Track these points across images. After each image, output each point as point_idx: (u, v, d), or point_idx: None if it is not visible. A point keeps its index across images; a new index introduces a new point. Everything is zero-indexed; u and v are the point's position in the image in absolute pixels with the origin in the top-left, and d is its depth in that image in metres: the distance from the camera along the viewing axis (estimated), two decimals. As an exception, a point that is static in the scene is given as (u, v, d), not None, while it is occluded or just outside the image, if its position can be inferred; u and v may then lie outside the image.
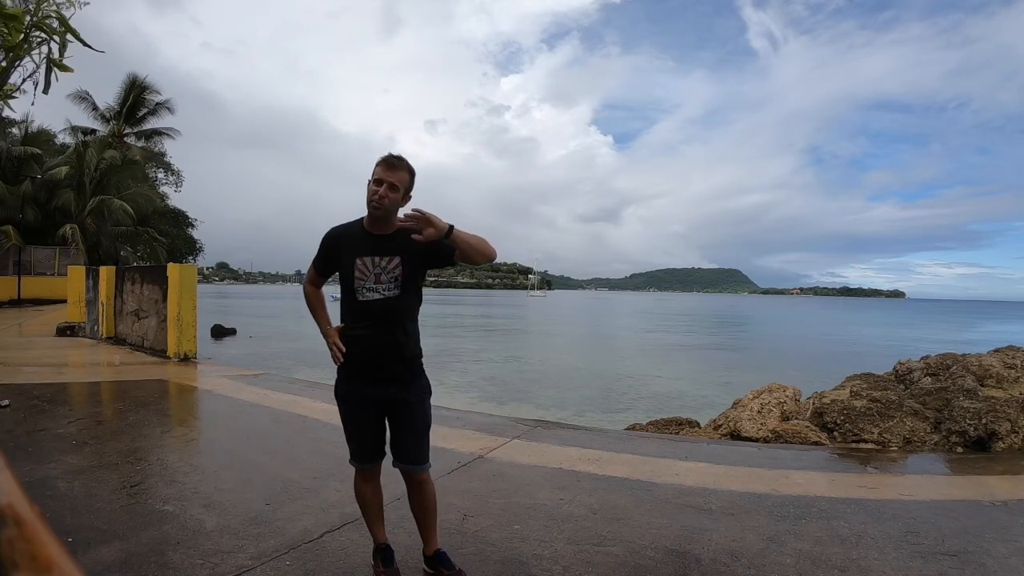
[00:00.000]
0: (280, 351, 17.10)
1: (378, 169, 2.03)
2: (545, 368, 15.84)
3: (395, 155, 2.05)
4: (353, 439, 2.19)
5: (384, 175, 2.01)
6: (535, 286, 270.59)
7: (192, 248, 33.55)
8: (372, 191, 2.02)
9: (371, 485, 2.24)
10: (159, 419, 4.66)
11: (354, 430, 2.19)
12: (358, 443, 2.19)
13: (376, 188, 2.01)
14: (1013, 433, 4.04)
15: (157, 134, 28.54)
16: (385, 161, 2.03)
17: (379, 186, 2.01)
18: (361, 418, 2.16)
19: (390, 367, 2.10)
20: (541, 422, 4.98)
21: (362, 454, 2.19)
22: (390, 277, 2.07)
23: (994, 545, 2.53)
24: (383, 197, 2.00)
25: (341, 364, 2.13)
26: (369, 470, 2.22)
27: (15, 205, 22.33)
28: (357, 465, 2.22)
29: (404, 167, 2.05)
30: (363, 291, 2.06)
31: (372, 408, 2.14)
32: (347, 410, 2.19)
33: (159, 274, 8.50)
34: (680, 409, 9.21)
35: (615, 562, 2.37)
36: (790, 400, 5.15)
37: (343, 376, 2.17)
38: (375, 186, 2.01)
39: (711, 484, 3.30)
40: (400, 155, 2.05)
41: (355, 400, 2.15)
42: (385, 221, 2.07)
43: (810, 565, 2.35)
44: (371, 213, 2.06)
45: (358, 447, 2.20)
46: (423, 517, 2.24)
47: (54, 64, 6.65)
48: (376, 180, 2.01)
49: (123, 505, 2.85)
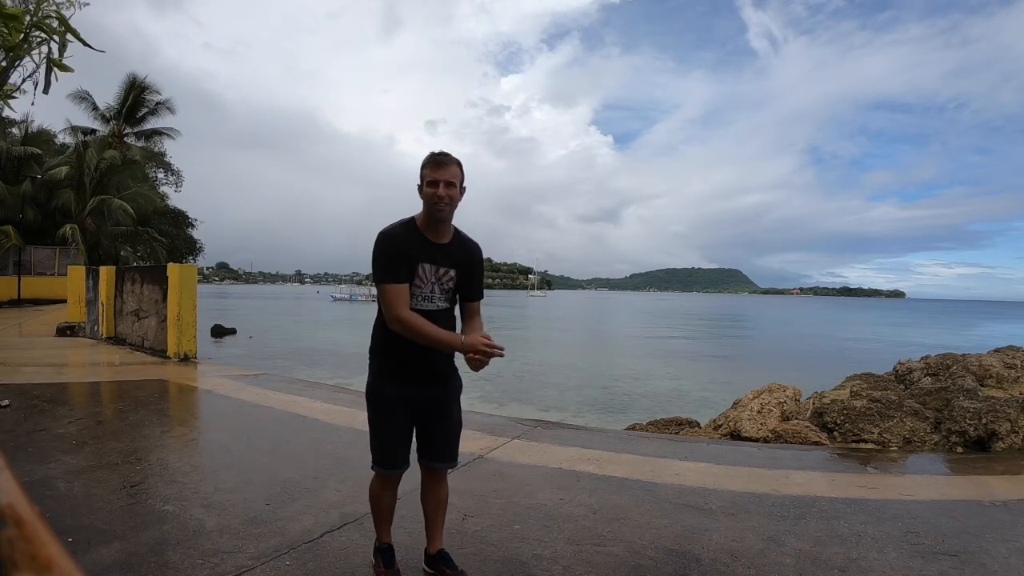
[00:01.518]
0: (280, 351, 17.11)
1: (427, 171, 1.93)
2: (545, 368, 15.84)
3: (441, 152, 1.97)
4: (387, 444, 2.09)
5: (437, 175, 1.91)
6: (535, 286, 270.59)
7: (192, 248, 33.56)
8: (431, 195, 1.91)
9: (391, 491, 2.18)
10: (159, 419, 4.66)
11: (390, 435, 2.09)
12: (393, 448, 2.09)
13: (433, 190, 1.91)
14: (1013, 433, 4.04)
15: (157, 134, 28.53)
16: (433, 161, 1.95)
17: (436, 187, 1.91)
18: (400, 422, 2.08)
19: (436, 371, 2.08)
20: (541, 422, 4.98)
21: (394, 459, 2.10)
22: (444, 289, 2.03)
23: (994, 545, 2.53)
24: (444, 197, 1.91)
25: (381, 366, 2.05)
26: (396, 477, 2.15)
27: (15, 205, 22.33)
28: (385, 471, 2.11)
29: (453, 161, 1.96)
30: (419, 299, 1.98)
31: (409, 411, 2.09)
32: (386, 414, 2.08)
33: (159, 274, 8.50)
34: (680, 409, 9.21)
35: (615, 562, 2.37)
36: (790, 400, 5.15)
37: (387, 378, 2.06)
38: (431, 188, 1.91)
39: (711, 484, 3.30)
40: (444, 151, 1.97)
41: (398, 403, 2.06)
42: (446, 225, 1.99)
43: (810, 565, 2.35)
44: (435, 216, 1.95)
45: (391, 452, 2.09)
46: (435, 514, 2.21)
47: (54, 64, 6.64)
48: (431, 182, 1.91)
49: (123, 505, 2.85)
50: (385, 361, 2.06)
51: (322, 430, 4.39)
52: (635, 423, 6.15)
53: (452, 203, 1.95)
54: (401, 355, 2.01)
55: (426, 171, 1.94)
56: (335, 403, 5.31)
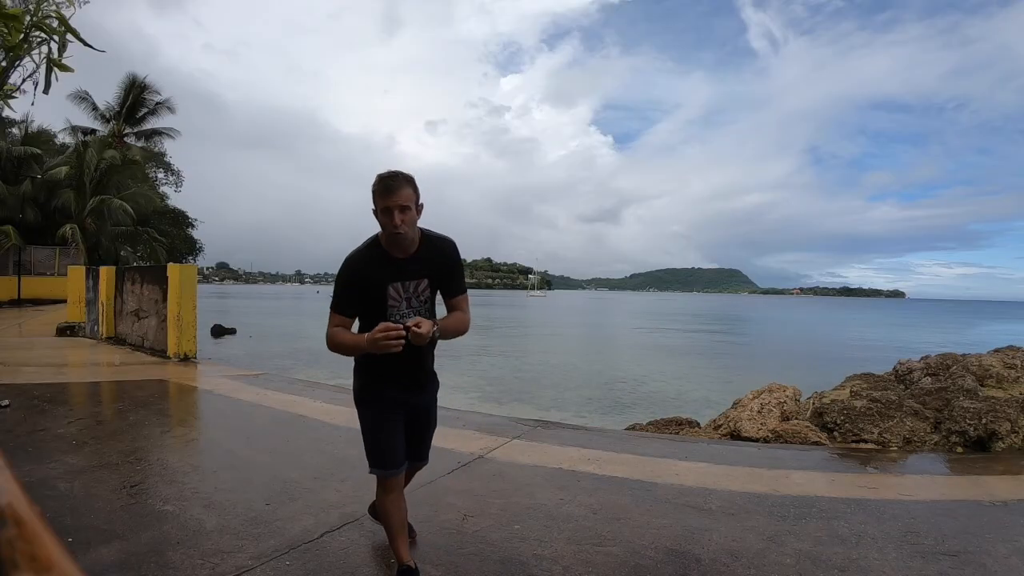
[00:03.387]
0: (280, 351, 17.10)
1: (378, 199, 1.86)
2: (545, 368, 15.84)
3: (388, 174, 1.87)
4: (384, 444, 2.06)
5: (389, 201, 1.84)
6: (535, 286, 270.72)
7: (192, 248, 33.58)
8: (386, 224, 1.86)
9: (396, 494, 2.11)
10: (159, 419, 4.66)
11: (386, 435, 2.07)
12: (391, 447, 2.06)
13: (388, 219, 1.85)
14: (1013, 433, 4.04)
15: (157, 134, 28.55)
16: (383, 187, 1.85)
17: (390, 216, 1.84)
18: (394, 421, 2.07)
19: (420, 377, 2.13)
20: (541, 422, 4.98)
21: (393, 458, 2.07)
22: (420, 300, 2.02)
23: (994, 545, 2.53)
24: (399, 224, 1.84)
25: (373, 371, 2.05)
26: (397, 477, 2.10)
27: (15, 205, 22.34)
28: (385, 472, 2.06)
29: (404, 182, 1.87)
30: (396, 317, 1.95)
31: (401, 411, 2.10)
32: (379, 415, 2.07)
33: (159, 274, 8.50)
34: (680, 409, 9.21)
35: (615, 562, 2.37)
36: (790, 400, 5.15)
37: (374, 380, 2.07)
38: (385, 217, 1.86)
39: (711, 484, 3.30)
40: (392, 171, 1.88)
41: (390, 404, 2.07)
42: (407, 244, 1.93)
43: (810, 565, 2.35)
44: (393, 242, 1.91)
45: (390, 451, 2.06)
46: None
47: (54, 64, 6.65)
48: (383, 210, 1.85)
49: (123, 505, 2.85)
50: (376, 367, 2.05)
51: (322, 430, 4.39)
52: (635, 423, 6.14)
53: (410, 226, 1.88)
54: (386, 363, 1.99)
55: (376, 198, 1.87)
56: (335, 403, 5.30)
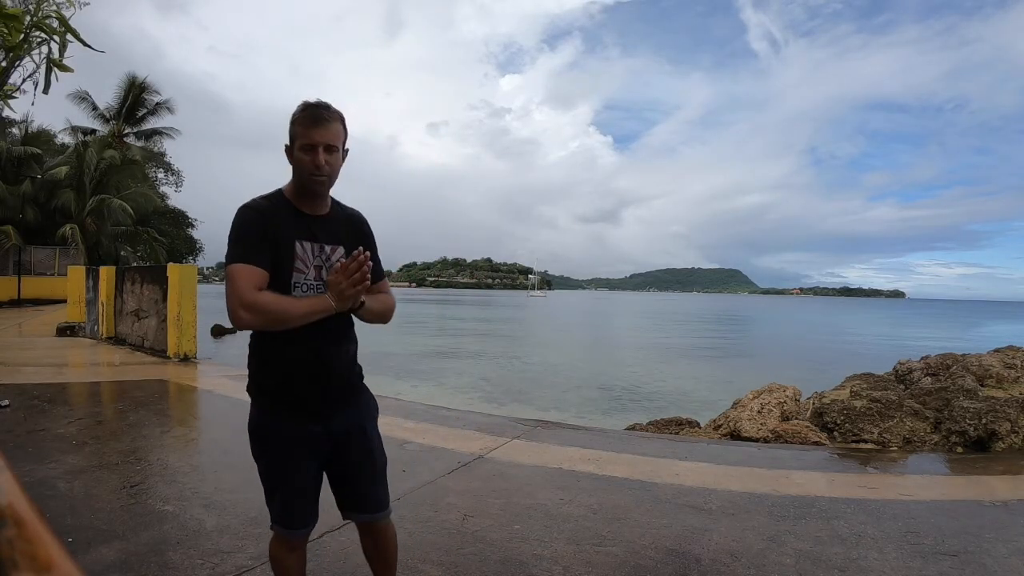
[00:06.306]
0: (280, 351, 17.10)
1: (301, 130, 1.50)
2: (545, 368, 15.83)
3: (318, 102, 1.52)
4: (284, 496, 1.60)
5: (316, 136, 1.49)
6: (535, 286, 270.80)
7: (192, 248, 33.60)
8: (307, 163, 1.50)
9: (297, 554, 1.67)
10: (159, 419, 4.66)
11: (287, 483, 1.59)
12: (292, 501, 1.60)
13: (310, 157, 1.49)
14: (1013, 433, 4.04)
15: (157, 134, 28.55)
16: (310, 116, 1.49)
17: (314, 153, 1.49)
18: (299, 466, 1.58)
19: (338, 389, 1.62)
20: (541, 422, 4.98)
21: (297, 517, 1.61)
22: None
23: (994, 545, 2.53)
24: (323, 166, 1.50)
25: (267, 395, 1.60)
26: (301, 537, 1.65)
27: (15, 205, 22.35)
28: (285, 532, 1.61)
29: (335, 116, 1.53)
30: (303, 289, 1.54)
31: (313, 450, 1.60)
32: (279, 456, 1.58)
33: (159, 274, 8.50)
34: (680, 409, 9.20)
35: (615, 562, 2.37)
36: (790, 400, 5.16)
37: (268, 409, 1.59)
38: (305, 154, 1.50)
39: (711, 484, 3.30)
40: (323, 100, 1.54)
41: (292, 442, 1.57)
42: (323, 198, 1.60)
43: (810, 565, 2.35)
44: (310, 190, 1.55)
45: (291, 506, 1.60)
46: (384, 569, 1.77)
47: (54, 64, 6.65)
48: (306, 146, 1.49)
49: (123, 505, 2.85)
50: (268, 387, 1.59)
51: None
52: (635, 423, 6.14)
53: (333, 172, 1.54)
54: (285, 370, 1.55)
55: (299, 129, 1.50)
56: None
